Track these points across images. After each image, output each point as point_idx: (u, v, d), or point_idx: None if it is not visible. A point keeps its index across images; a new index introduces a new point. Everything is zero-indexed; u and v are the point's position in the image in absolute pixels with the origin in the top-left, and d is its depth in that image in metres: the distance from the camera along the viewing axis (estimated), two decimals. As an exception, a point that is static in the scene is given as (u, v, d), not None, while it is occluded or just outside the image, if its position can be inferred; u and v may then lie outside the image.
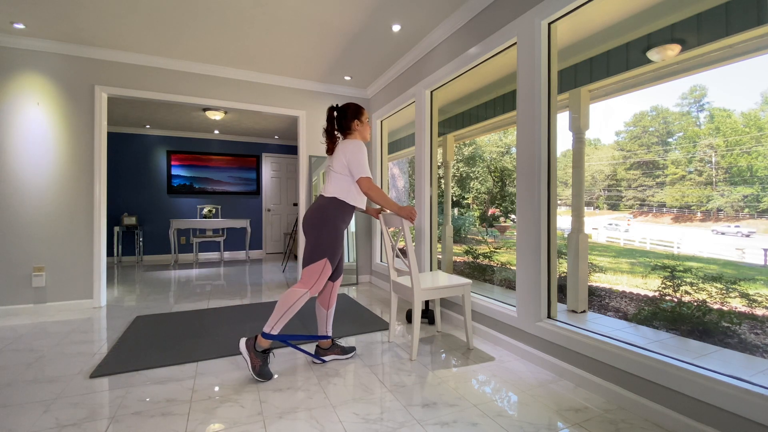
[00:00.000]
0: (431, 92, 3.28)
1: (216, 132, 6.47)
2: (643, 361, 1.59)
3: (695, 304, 2.86)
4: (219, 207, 6.65)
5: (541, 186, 2.12)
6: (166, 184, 6.37)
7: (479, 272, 5.21)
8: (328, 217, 1.99)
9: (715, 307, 2.79)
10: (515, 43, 2.33)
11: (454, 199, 12.62)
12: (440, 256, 3.72)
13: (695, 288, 2.96)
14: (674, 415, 1.48)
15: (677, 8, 2.01)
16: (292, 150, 7.30)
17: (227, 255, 6.75)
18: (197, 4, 2.63)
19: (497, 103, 3.42)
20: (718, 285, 2.93)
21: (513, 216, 12.01)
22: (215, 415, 1.60)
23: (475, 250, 5.83)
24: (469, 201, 13.02)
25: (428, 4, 2.63)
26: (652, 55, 2.16)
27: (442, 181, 4.07)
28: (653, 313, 3.07)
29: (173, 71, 3.62)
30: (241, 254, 6.85)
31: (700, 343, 2.36)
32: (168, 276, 4.93)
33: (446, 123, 4.09)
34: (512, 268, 4.70)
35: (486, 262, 5.31)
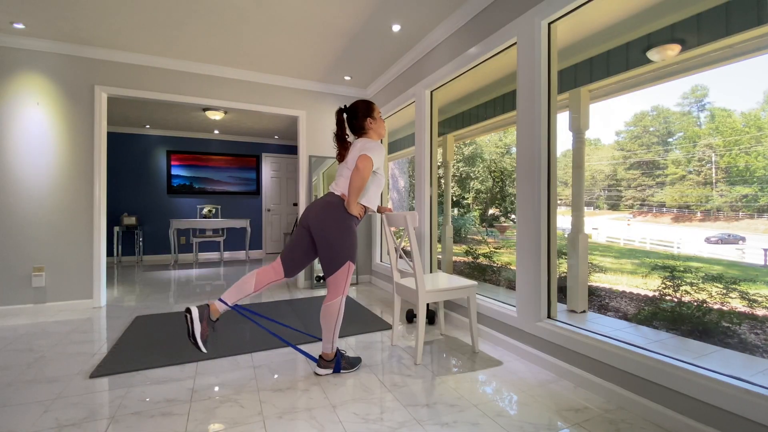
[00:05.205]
0: (431, 92, 3.28)
1: (216, 132, 6.47)
2: (643, 361, 1.59)
3: (695, 304, 2.86)
4: (219, 207, 6.64)
5: (541, 186, 2.12)
6: (166, 184, 6.37)
7: (479, 272, 5.21)
8: (342, 219, 1.87)
9: (715, 307, 2.79)
10: (515, 43, 2.33)
11: (454, 199, 12.62)
12: (440, 257, 3.72)
13: (695, 288, 2.96)
14: (674, 415, 1.48)
15: (677, 8, 2.01)
16: (292, 150, 7.30)
17: (227, 255, 6.75)
18: (197, 3, 2.63)
19: (497, 103, 3.42)
20: (718, 285, 2.93)
21: (513, 216, 12.01)
22: (215, 415, 1.60)
23: (475, 250, 5.83)
24: (469, 201, 13.02)
25: (428, 4, 2.63)
26: (652, 55, 2.16)
27: (442, 181, 4.06)
28: (653, 313, 3.07)
29: (173, 71, 3.62)
30: (240, 254, 6.84)
31: (700, 343, 2.35)
32: (168, 276, 4.93)
33: (446, 123, 4.09)
34: (512, 268, 4.69)
35: (486, 262, 5.32)
